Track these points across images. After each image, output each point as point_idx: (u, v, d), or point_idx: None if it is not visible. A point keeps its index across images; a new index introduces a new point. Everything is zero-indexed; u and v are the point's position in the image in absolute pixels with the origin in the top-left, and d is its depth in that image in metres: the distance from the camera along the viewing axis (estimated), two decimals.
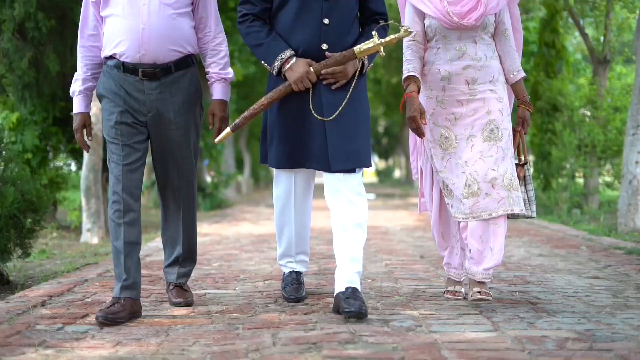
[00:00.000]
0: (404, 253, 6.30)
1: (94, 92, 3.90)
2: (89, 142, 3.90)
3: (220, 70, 3.86)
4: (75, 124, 3.85)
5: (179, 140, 3.77)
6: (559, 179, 11.16)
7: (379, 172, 42.51)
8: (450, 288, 4.07)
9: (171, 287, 3.95)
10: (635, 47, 8.17)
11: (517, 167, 3.97)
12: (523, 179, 4.01)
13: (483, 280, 3.79)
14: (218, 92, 3.88)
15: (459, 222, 3.97)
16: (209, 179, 14.55)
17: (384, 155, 48.55)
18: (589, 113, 11.20)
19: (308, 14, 3.71)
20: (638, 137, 7.89)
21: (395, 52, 23.78)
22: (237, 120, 3.71)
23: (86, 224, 7.89)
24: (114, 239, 3.67)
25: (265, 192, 17.04)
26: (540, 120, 11.66)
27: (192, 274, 4.63)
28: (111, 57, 3.75)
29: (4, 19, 8.05)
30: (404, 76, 3.91)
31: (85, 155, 7.99)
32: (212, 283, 4.66)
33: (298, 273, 4.07)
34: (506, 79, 4.02)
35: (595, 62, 11.10)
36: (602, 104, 10.83)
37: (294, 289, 3.97)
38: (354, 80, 3.72)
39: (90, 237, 7.81)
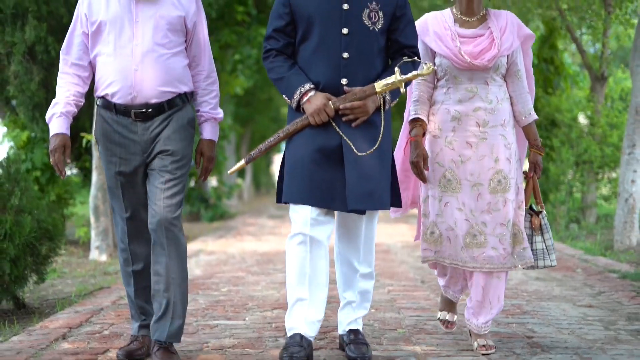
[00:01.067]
0: (405, 277, 6.51)
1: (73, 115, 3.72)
2: (67, 163, 3.71)
3: (210, 110, 3.81)
4: (53, 145, 3.62)
5: (172, 172, 3.62)
6: (557, 194, 11.36)
7: None
8: (443, 315, 4.08)
9: (156, 347, 3.59)
10: (631, 67, 8.37)
11: (532, 216, 3.90)
12: (539, 228, 3.89)
13: (483, 333, 3.84)
14: (208, 131, 3.83)
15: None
16: (213, 183, 14.72)
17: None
18: (586, 122, 11.40)
19: (327, 48, 3.64)
20: (634, 156, 8.11)
21: None
22: (252, 153, 3.73)
23: (95, 241, 8.11)
24: (126, 284, 3.79)
25: (266, 199, 17.26)
26: (538, 136, 11.86)
27: (202, 300, 4.80)
28: (103, 97, 3.67)
29: (15, 42, 8.28)
30: (410, 117, 3.88)
31: (94, 174, 8.20)
32: (223, 312, 4.86)
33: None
34: (517, 121, 3.94)
35: (592, 78, 11.31)
36: (599, 120, 11.04)
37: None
38: (382, 119, 3.63)
39: (99, 254, 8.02)
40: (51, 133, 3.66)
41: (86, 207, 11.32)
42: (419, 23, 3.95)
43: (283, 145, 3.93)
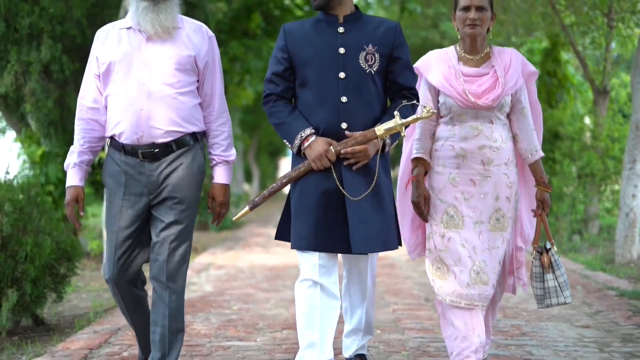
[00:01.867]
0: (409, 294, 6.72)
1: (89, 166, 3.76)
2: (80, 216, 3.73)
3: (222, 153, 3.75)
4: (68, 197, 3.67)
5: (178, 218, 3.61)
6: (560, 206, 11.55)
7: None
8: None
9: None
10: (632, 84, 8.56)
11: (542, 254, 3.89)
12: (550, 266, 3.87)
13: (483, 358, 3.91)
14: (220, 175, 3.76)
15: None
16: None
17: (390, 165, 48.80)
18: (588, 135, 11.59)
19: (326, 93, 3.66)
20: (635, 171, 8.30)
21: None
22: (255, 199, 3.74)
23: None
24: (124, 316, 3.84)
25: (273, 206, 17.39)
26: (543, 148, 12.05)
27: (215, 319, 4.95)
28: (112, 137, 3.66)
29: (31, 61, 8.53)
30: (412, 155, 3.89)
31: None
32: (235, 333, 5.08)
33: None
34: (523, 159, 3.95)
35: (595, 92, 11.49)
36: (600, 133, 11.22)
37: None
38: (377, 163, 3.66)
39: None
40: (67, 184, 3.71)
41: (98, 219, 11.59)
42: (422, 61, 3.96)
43: (289, 151, 4.02)
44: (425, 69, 3.93)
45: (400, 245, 3.88)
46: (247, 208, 3.76)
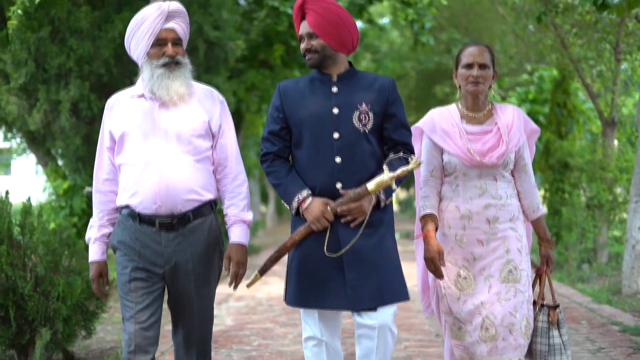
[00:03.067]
0: (421, 330, 7.01)
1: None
2: (106, 291, 3.73)
3: (239, 212, 3.67)
4: (92, 273, 3.65)
5: (198, 291, 3.58)
6: (569, 236, 11.79)
7: (400, 202, 43.16)
8: None
9: None
10: (637, 119, 8.83)
11: (549, 310, 3.87)
12: (557, 323, 3.85)
13: None
14: (237, 235, 3.66)
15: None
16: None
17: (405, 184, 49.07)
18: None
19: (321, 153, 3.69)
20: None
21: (415, 92, 24.53)
22: (265, 263, 3.73)
23: None
24: None
25: (289, 228, 17.64)
26: (552, 178, 12.33)
27: (236, 356, 5.18)
28: (126, 206, 3.58)
29: (61, 100, 8.93)
30: (421, 214, 3.86)
31: None
32: None
33: None
34: (525, 216, 3.93)
35: (603, 123, 11.76)
36: (609, 164, 11.49)
37: None
38: (367, 216, 3.63)
39: None
40: (90, 258, 3.68)
41: None
42: (424, 120, 3.99)
43: None
44: (428, 128, 3.94)
45: (408, 298, 3.75)
46: (257, 273, 3.74)
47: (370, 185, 3.61)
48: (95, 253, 3.67)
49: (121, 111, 3.63)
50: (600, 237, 11.65)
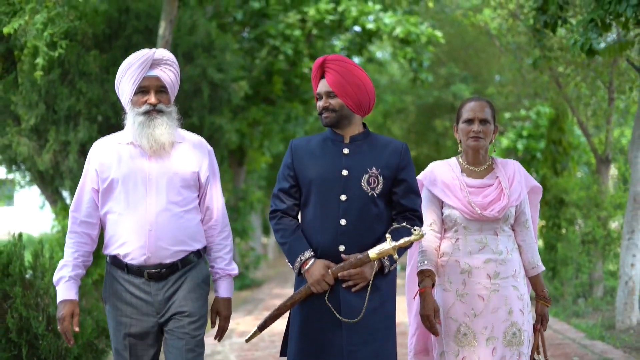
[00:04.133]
0: None
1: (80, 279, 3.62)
2: (75, 333, 3.68)
3: (225, 266, 3.70)
4: (61, 313, 3.47)
5: (190, 331, 3.55)
6: (565, 271, 12.00)
7: None
8: None
9: None
10: (630, 158, 9.09)
11: None
12: None
13: None
14: (223, 289, 3.71)
15: None
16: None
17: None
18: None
19: (326, 215, 3.65)
20: (633, 241, 8.78)
21: (415, 126, 24.82)
22: (264, 320, 3.72)
23: None
24: None
25: None
26: (548, 214, 12.58)
27: None
28: (114, 256, 3.54)
29: (70, 141, 9.20)
30: (418, 268, 3.82)
31: None
32: None
33: None
34: (525, 271, 3.90)
35: (598, 161, 12.02)
36: (603, 201, 11.73)
37: None
38: (370, 284, 3.61)
39: None
40: (59, 298, 3.51)
41: None
42: (425, 173, 3.97)
43: None
44: (428, 181, 3.94)
45: None
46: (256, 329, 3.74)
47: (372, 252, 3.57)
48: (67, 292, 3.51)
49: (110, 157, 3.55)
50: (595, 272, 11.86)
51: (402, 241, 3.57)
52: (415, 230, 3.56)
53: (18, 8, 7.22)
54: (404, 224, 3.64)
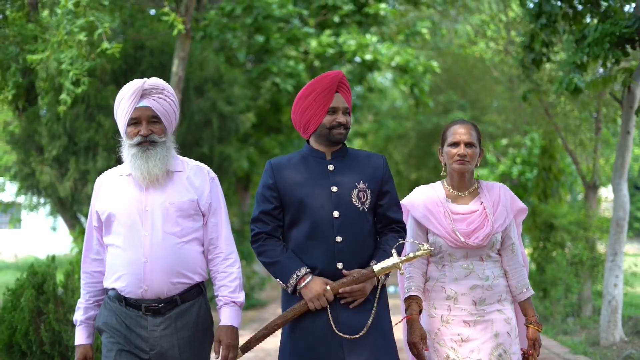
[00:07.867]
0: None
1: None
2: None
3: (230, 294, 3.51)
4: (77, 356, 3.54)
5: None
6: (555, 291, 12.56)
7: None
8: None
9: None
10: (613, 185, 9.68)
11: None
12: None
13: None
14: (227, 317, 3.50)
15: None
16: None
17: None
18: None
19: (320, 233, 3.56)
20: (616, 263, 9.25)
21: (415, 150, 25.41)
22: (249, 340, 3.55)
23: None
24: None
25: None
26: (538, 237, 13.16)
27: None
28: (112, 288, 3.47)
29: (89, 170, 9.85)
30: (405, 295, 3.74)
31: None
32: None
33: None
34: (513, 296, 3.81)
35: (586, 187, 12.62)
36: (591, 225, 12.32)
37: None
38: (376, 300, 3.57)
39: None
40: (75, 342, 3.59)
41: None
42: (409, 198, 3.91)
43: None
44: (412, 206, 3.86)
45: None
46: (239, 352, 3.54)
47: (377, 267, 3.52)
48: (80, 336, 3.57)
49: (108, 191, 3.53)
50: (584, 292, 12.38)
51: (410, 255, 3.56)
52: (423, 245, 3.56)
53: (42, 40, 7.81)
54: (411, 239, 3.72)
